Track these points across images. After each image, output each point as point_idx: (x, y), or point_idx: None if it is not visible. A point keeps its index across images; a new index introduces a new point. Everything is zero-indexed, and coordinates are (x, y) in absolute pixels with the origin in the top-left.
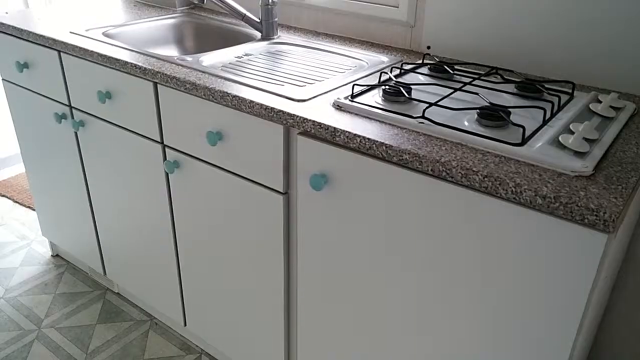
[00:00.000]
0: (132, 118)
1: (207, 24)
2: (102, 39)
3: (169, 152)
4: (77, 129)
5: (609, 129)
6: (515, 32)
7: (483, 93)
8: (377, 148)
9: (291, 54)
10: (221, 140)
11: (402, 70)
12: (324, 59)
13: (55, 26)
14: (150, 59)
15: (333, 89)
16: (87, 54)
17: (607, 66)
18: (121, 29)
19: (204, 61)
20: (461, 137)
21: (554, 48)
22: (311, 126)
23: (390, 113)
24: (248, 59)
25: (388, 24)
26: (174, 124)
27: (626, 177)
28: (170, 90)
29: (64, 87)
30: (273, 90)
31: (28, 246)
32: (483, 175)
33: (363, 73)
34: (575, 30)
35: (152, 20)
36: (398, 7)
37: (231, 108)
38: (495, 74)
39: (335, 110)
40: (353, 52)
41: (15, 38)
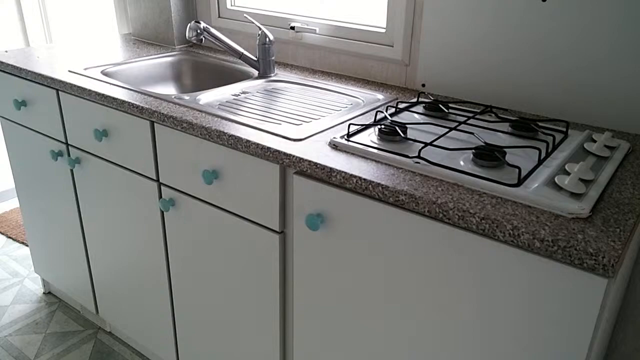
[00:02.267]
0: (128, 156)
1: (205, 61)
2: (100, 78)
3: (165, 190)
4: (73, 166)
5: (605, 168)
6: (508, 71)
7: (478, 132)
8: (374, 189)
9: (288, 92)
10: (217, 178)
11: (398, 108)
12: (320, 97)
13: (55, 65)
14: (147, 98)
15: (329, 127)
16: (85, 93)
17: (601, 104)
18: (120, 67)
19: (201, 99)
20: (457, 177)
21: (547, 86)
22: (307, 166)
23: (386, 153)
24: (245, 96)
25: (383, 62)
26: (170, 162)
27: (624, 219)
28: (167, 129)
29: (61, 125)
30: (269, 129)
31: (20, 283)
32: (480, 217)
33: (359, 111)
34: (568, 69)
35: (150, 58)
36: (393, 47)
37: (227, 147)
38: (489, 113)
39: (332, 149)
40: (349, 90)
41: (14, 76)
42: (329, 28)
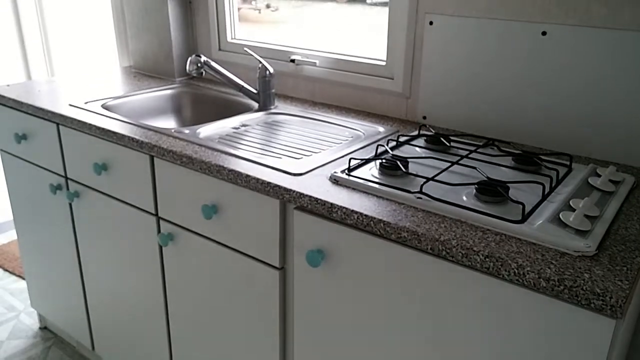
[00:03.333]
0: (128, 190)
1: (205, 94)
2: (100, 112)
3: (164, 224)
4: (72, 200)
5: (610, 204)
6: (510, 104)
7: (480, 167)
8: (375, 225)
9: (288, 125)
10: (216, 213)
11: (399, 142)
12: (320, 130)
13: (56, 98)
14: (147, 132)
15: (330, 161)
16: (85, 127)
17: (604, 138)
18: (120, 100)
19: (201, 133)
20: (460, 213)
21: (550, 119)
22: (308, 201)
23: (387, 188)
24: (245, 129)
25: (384, 95)
26: (170, 196)
27: (630, 257)
28: (167, 163)
29: (60, 158)
30: (269, 163)
31: (16, 318)
32: (484, 255)
33: (360, 144)
34: (570, 102)
35: (150, 91)
36: (393, 79)
37: (227, 182)
38: (492, 146)
39: (332, 184)
40: (350, 122)
41: (16, 110)
42: (329, 61)
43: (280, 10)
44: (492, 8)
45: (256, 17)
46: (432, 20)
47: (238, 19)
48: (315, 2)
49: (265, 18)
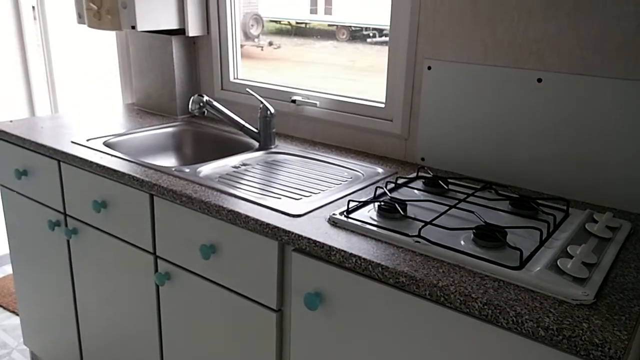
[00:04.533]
0: (126, 228)
1: (206, 132)
2: (102, 149)
3: (161, 263)
4: (70, 237)
5: (607, 251)
6: (507, 147)
7: (478, 211)
8: (373, 269)
9: (288, 164)
10: (215, 253)
11: (397, 184)
12: (320, 170)
13: (58, 135)
14: (148, 171)
15: (329, 202)
16: (87, 165)
17: (601, 183)
18: (122, 138)
19: (201, 172)
20: (458, 258)
21: (546, 164)
22: (306, 244)
23: (386, 231)
24: (245, 169)
25: (383, 136)
26: (168, 235)
27: (629, 306)
28: (167, 202)
29: (60, 195)
30: (268, 204)
31: (8, 356)
32: (482, 302)
33: (359, 185)
34: (566, 147)
35: (153, 129)
36: (392, 121)
37: (226, 222)
38: (489, 189)
39: (331, 226)
40: (349, 163)
41: (18, 146)
42: (329, 102)
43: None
44: (488, 55)
45: (259, 54)
46: (431, 65)
47: (241, 56)
48: (316, 40)
49: (267, 55)
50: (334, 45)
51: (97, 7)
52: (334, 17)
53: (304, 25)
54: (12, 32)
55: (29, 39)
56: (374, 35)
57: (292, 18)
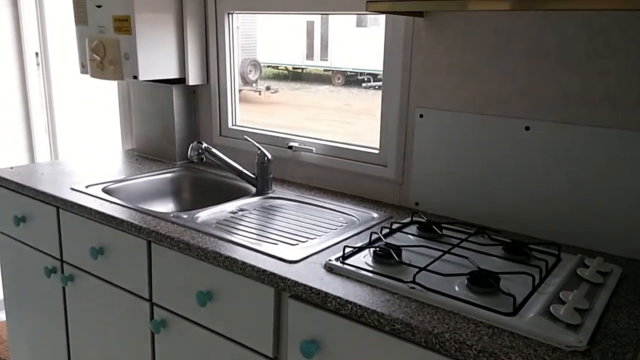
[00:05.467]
0: (122, 274)
1: (204, 177)
2: (101, 196)
3: (157, 310)
4: (66, 283)
5: (599, 296)
6: (498, 193)
7: (472, 256)
8: (369, 316)
9: (285, 209)
10: (211, 300)
11: (392, 229)
12: (316, 215)
13: (58, 182)
14: (146, 217)
15: (325, 248)
16: (85, 212)
17: (590, 227)
18: (121, 184)
19: (199, 218)
20: (453, 304)
21: (537, 209)
22: (302, 290)
23: (381, 277)
24: (242, 214)
25: (378, 181)
26: (164, 282)
27: (622, 353)
28: (164, 248)
29: (57, 241)
30: (265, 250)
31: None
32: (477, 349)
33: (354, 230)
34: (556, 193)
35: (151, 175)
36: (386, 167)
37: (223, 269)
38: (482, 234)
39: (327, 272)
40: (344, 208)
41: (17, 193)
42: (325, 148)
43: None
44: (477, 104)
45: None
46: (422, 114)
47: (239, 101)
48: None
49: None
50: (330, 90)
51: (100, 57)
52: (329, 62)
53: (300, 70)
54: (15, 77)
55: (31, 84)
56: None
57: (289, 64)
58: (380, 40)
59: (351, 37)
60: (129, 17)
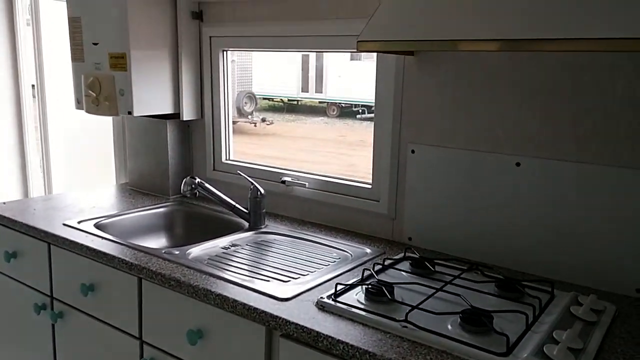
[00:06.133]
0: (112, 312)
1: (197, 212)
2: (93, 231)
3: (147, 348)
4: (55, 321)
5: (593, 335)
6: (490, 228)
7: (464, 294)
8: (361, 356)
9: (277, 245)
10: (202, 338)
11: (384, 265)
12: (309, 250)
13: (50, 217)
14: (137, 253)
15: (317, 285)
16: (77, 248)
17: (584, 264)
18: (114, 219)
19: (191, 253)
20: (446, 344)
21: (530, 244)
22: (294, 329)
23: (373, 315)
24: (235, 249)
25: (371, 216)
26: (155, 320)
27: None
28: (155, 285)
29: (48, 278)
30: (256, 287)
31: None
32: None
33: (347, 266)
34: (547, 228)
35: (144, 209)
36: (379, 202)
37: (214, 306)
38: (475, 270)
39: (319, 310)
40: (337, 243)
41: (9, 229)
42: (318, 182)
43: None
44: (468, 140)
45: (252, 130)
46: (414, 149)
47: (233, 133)
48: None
49: (260, 131)
50: (325, 121)
51: (95, 93)
52: (324, 94)
53: (295, 102)
54: (11, 109)
55: (27, 116)
56: (363, 111)
57: (284, 95)
58: (374, 72)
59: (346, 70)
60: (124, 54)
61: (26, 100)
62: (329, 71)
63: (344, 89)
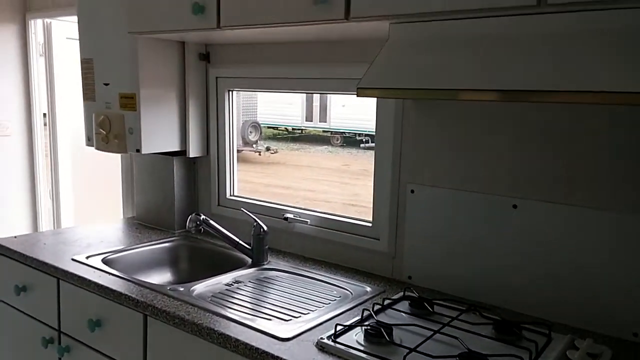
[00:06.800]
0: (118, 347)
1: (202, 247)
2: (101, 267)
3: None
4: (62, 355)
5: None
6: (489, 269)
7: (462, 336)
8: None
9: (279, 282)
10: None
11: (384, 305)
12: (310, 288)
13: (59, 252)
14: (143, 290)
15: (317, 324)
16: (85, 283)
17: (581, 306)
18: (121, 254)
19: (195, 290)
20: None
21: (527, 285)
22: None
23: (372, 357)
24: (238, 286)
25: (371, 254)
26: (159, 356)
27: None
28: (160, 322)
29: (56, 312)
30: (258, 326)
31: None
32: None
33: (347, 305)
34: (544, 269)
35: (150, 244)
36: (379, 240)
37: (217, 345)
38: (473, 312)
39: (319, 351)
40: (338, 281)
41: (19, 263)
42: (319, 220)
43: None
44: (466, 182)
45: (256, 159)
46: (413, 189)
47: (237, 160)
48: (312, 145)
49: (265, 159)
50: (329, 150)
51: (105, 132)
52: (328, 124)
53: (300, 131)
54: (23, 140)
55: (38, 145)
56: (366, 140)
57: (288, 125)
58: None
59: (349, 100)
60: (134, 94)
61: (38, 131)
62: (332, 101)
63: (348, 118)
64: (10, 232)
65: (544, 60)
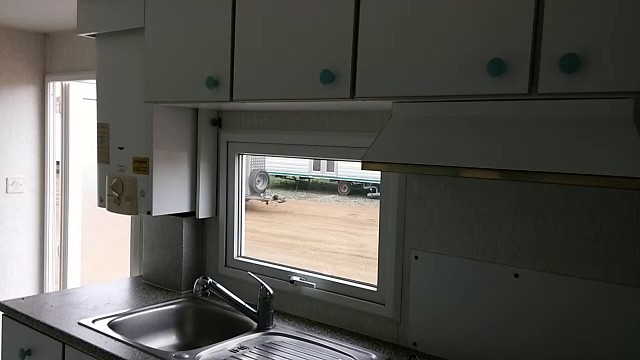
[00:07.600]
0: None
1: (208, 309)
2: (106, 332)
3: None
4: None
5: None
6: (493, 335)
7: None
8: None
9: (284, 348)
10: None
11: None
12: (315, 355)
13: (65, 315)
14: (149, 357)
15: None
16: (91, 350)
17: None
18: (127, 317)
19: (201, 357)
20: None
21: (530, 352)
22: None
23: None
24: (243, 352)
25: (376, 319)
26: None
27: None
28: None
29: None
30: None
31: None
32: None
33: None
34: (547, 337)
35: (156, 306)
36: (384, 305)
37: None
38: None
39: None
40: (343, 347)
41: (25, 326)
42: (325, 283)
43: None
44: (469, 250)
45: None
46: (417, 255)
47: (245, 209)
48: (319, 194)
49: (272, 208)
50: (336, 199)
51: (118, 194)
52: (335, 173)
53: (307, 179)
54: (35, 197)
55: (49, 216)
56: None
57: (296, 174)
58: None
59: None
60: (147, 159)
61: (50, 187)
62: None
63: (355, 168)
64: (16, 288)
65: (542, 142)
